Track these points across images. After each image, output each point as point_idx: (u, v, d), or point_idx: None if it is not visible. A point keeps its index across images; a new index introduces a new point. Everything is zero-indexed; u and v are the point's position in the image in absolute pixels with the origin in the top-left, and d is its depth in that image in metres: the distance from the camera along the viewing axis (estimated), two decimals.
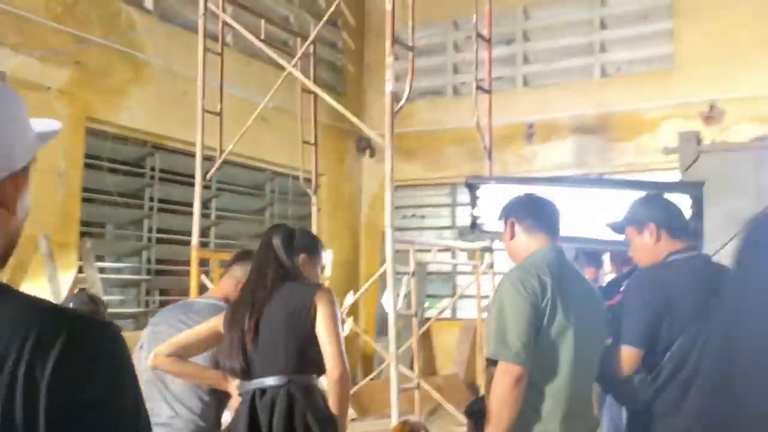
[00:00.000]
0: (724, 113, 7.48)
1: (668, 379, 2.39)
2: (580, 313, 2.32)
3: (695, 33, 7.72)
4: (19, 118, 0.96)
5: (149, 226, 6.86)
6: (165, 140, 6.80)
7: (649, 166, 7.48)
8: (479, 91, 5.79)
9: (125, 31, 6.42)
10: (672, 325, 2.39)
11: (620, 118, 7.96)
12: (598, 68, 8.35)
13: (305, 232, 2.95)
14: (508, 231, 2.53)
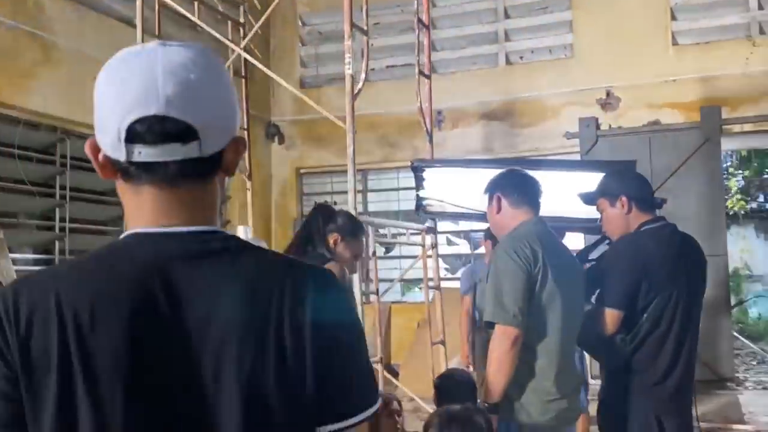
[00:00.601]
0: (620, 100, 7.93)
1: (645, 337, 2.61)
2: (565, 279, 2.48)
3: (592, 24, 8.04)
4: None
5: (62, 216, 6.61)
6: (77, 126, 6.52)
7: (552, 150, 7.91)
8: (421, 75, 5.87)
9: (33, 12, 6.13)
10: (649, 288, 2.60)
11: (524, 104, 8.25)
12: (502, 56, 8.39)
13: (347, 215, 2.96)
14: (494, 205, 2.64)
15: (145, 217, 0.97)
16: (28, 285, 0.93)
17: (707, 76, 7.59)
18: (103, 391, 0.87)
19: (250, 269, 0.97)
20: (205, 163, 0.97)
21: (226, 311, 0.92)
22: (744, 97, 7.48)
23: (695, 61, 7.66)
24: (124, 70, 0.95)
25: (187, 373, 0.90)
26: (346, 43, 4.67)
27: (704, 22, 7.74)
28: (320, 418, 0.96)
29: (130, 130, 0.93)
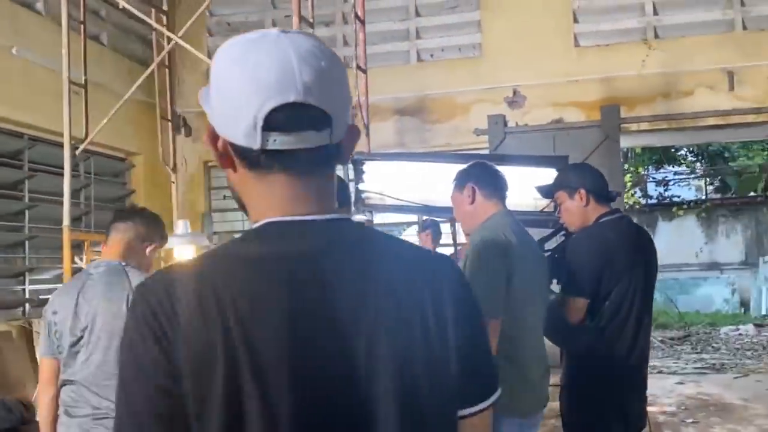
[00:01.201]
0: (526, 98, 8.17)
1: (607, 322, 2.74)
2: (535, 269, 2.59)
3: (499, 24, 8.25)
4: None
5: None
6: None
7: (463, 145, 8.05)
8: (358, 70, 5.89)
9: None
10: (611, 277, 2.73)
11: (436, 101, 8.39)
12: (414, 53, 8.54)
13: (342, 184, 2.81)
14: (468, 196, 2.70)
15: (279, 207, 0.96)
16: (176, 278, 0.91)
17: (607, 76, 7.95)
18: (269, 380, 0.86)
19: (392, 257, 0.99)
20: (333, 151, 0.97)
21: (374, 297, 0.93)
22: (640, 98, 7.89)
23: (596, 63, 8.02)
24: (255, 57, 0.93)
25: (342, 357, 0.90)
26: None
27: (604, 25, 8.10)
28: (461, 401, 0.99)
29: (267, 118, 0.91)
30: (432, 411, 0.94)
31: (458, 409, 0.99)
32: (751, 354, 9.52)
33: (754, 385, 7.24)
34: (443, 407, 0.96)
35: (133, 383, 0.87)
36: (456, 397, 0.98)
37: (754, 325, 12.11)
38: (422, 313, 0.94)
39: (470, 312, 1.02)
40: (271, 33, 0.96)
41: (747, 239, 15.84)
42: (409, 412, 0.91)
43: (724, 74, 7.71)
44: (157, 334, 0.86)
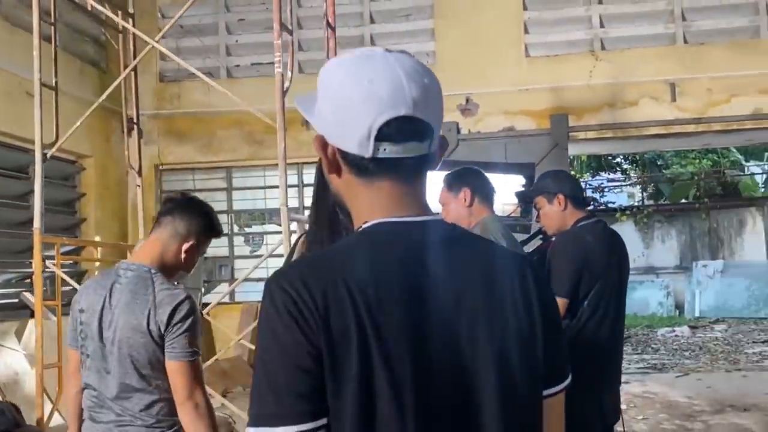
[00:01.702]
0: (478, 106, 8.34)
1: (586, 321, 2.87)
2: None
3: (453, 33, 8.42)
4: None
5: None
6: None
7: None
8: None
9: None
10: (590, 278, 2.87)
11: None
12: None
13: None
14: (464, 199, 2.88)
15: (385, 209, 1.06)
16: (309, 270, 1.01)
17: (556, 86, 8.20)
18: (395, 363, 0.96)
19: (487, 254, 1.12)
20: (430, 159, 1.09)
21: (474, 288, 1.04)
22: (588, 107, 8.17)
23: (545, 73, 8.26)
24: (369, 73, 1.03)
25: (449, 340, 1.01)
26: (276, 42, 4.61)
27: (553, 37, 8.36)
28: (546, 383, 1.11)
29: (380, 129, 1.02)
30: (524, 390, 1.05)
31: (545, 389, 1.10)
32: (688, 354, 9.94)
33: (695, 384, 7.58)
34: (533, 386, 1.07)
35: (277, 364, 0.96)
36: (543, 378, 1.09)
37: (689, 327, 12.63)
38: (513, 302, 1.06)
39: (552, 302, 1.14)
40: (377, 51, 1.07)
41: (681, 244, 16.50)
42: (505, 388, 1.02)
43: (666, 85, 8.05)
44: (298, 321, 0.95)
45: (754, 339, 11.22)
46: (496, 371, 1.02)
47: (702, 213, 16.45)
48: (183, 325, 2.20)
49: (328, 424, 0.95)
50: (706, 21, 8.14)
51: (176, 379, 2.17)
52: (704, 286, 14.79)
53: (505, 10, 8.32)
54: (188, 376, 2.18)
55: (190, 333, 2.20)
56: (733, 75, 7.96)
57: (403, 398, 0.96)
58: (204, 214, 2.45)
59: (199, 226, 2.39)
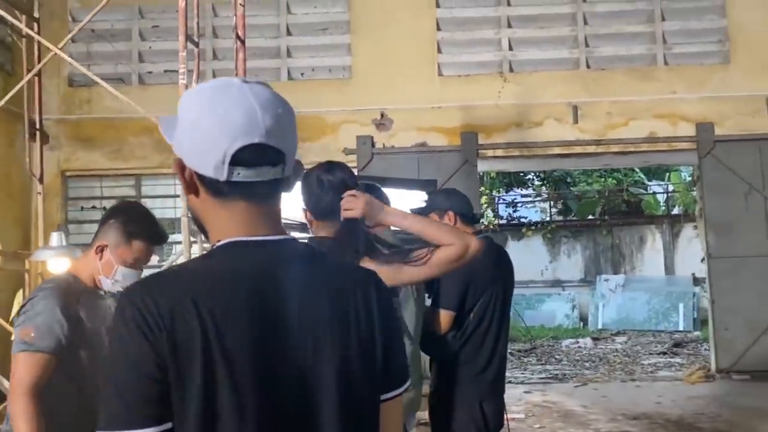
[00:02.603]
0: (393, 121, 8.52)
1: (471, 333, 3.04)
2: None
3: (369, 49, 8.58)
4: None
5: None
6: None
7: None
8: None
9: None
10: (476, 291, 3.04)
11: (306, 119, 8.53)
12: (285, 71, 8.62)
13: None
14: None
15: (238, 228, 1.15)
16: (159, 286, 1.09)
17: (467, 105, 8.47)
18: (238, 375, 1.04)
19: (331, 272, 1.22)
20: (284, 183, 1.18)
21: (319, 303, 1.14)
22: (496, 126, 8.47)
23: (457, 92, 8.53)
24: (225, 103, 1.12)
25: (294, 352, 1.10)
26: (181, 54, 4.59)
27: (464, 57, 8.64)
28: (384, 388, 1.20)
29: (234, 155, 1.11)
30: (364, 397, 1.16)
31: (384, 393, 1.20)
32: (589, 365, 10.37)
33: (592, 393, 7.94)
34: (371, 391, 1.18)
35: (124, 372, 1.04)
36: (381, 384, 1.19)
37: (592, 339, 13.15)
38: (355, 313, 1.16)
39: (391, 315, 1.24)
40: (234, 82, 1.16)
41: (586, 259, 17.18)
42: (346, 396, 1.12)
43: (569, 108, 8.45)
44: (145, 332, 1.03)
45: (650, 351, 11.79)
46: (337, 380, 1.11)
47: (605, 229, 17.20)
48: (18, 318, 2.29)
49: (172, 428, 1.03)
50: (608, 48, 8.59)
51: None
52: (607, 299, 15.43)
53: (419, 30, 8.56)
54: (15, 370, 2.19)
55: (21, 326, 2.23)
56: (631, 100, 8.43)
57: (245, 407, 1.04)
58: (124, 217, 2.51)
59: (115, 229, 2.46)
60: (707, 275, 8.54)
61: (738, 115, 8.40)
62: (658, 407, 6.99)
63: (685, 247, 16.03)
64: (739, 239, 8.27)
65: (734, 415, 6.57)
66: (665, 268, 16.39)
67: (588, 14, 8.60)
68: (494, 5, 8.63)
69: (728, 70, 8.47)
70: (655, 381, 8.69)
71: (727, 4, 8.51)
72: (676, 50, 8.55)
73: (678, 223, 16.58)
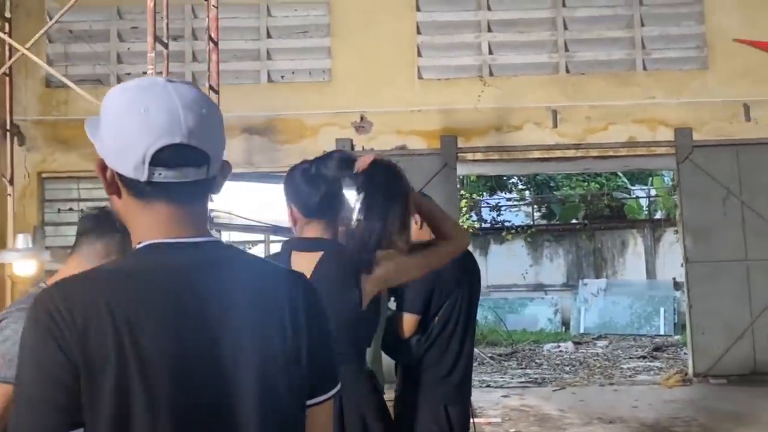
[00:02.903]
0: (372, 124, 8.49)
1: (436, 337, 3.02)
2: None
3: (349, 52, 8.56)
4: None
5: None
6: None
7: None
8: (211, 91, 5.93)
9: None
10: (441, 294, 3.01)
11: (285, 122, 8.53)
12: (265, 74, 8.61)
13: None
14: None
15: (160, 230, 1.12)
16: (72, 289, 1.06)
17: (446, 108, 8.48)
18: (153, 381, 1.02)
19: (256, 274, 1.18)
20: (209, 184, 1.16)
21: (241, 306, 1.11)
22: (476, 129, 8.48)
23: (437, 95, 8.52)
24: (146, 102, 1.10)
25: (212, 357, 1.07)
26: (149, 55, 4.57)
27: (444, 61, 8.64)
28: (310, 393, 1.18)
29: (155, 155, 1.08)
30: (286, 401, 1.13)
31: (308, 399, 1.18)
32: (569, 369, 10.38)
33: (569, 397, 7.94)
34: (295, 397, 1.15)
35: (35, 378, 1.00)
36: (306, 389, 1.17)
37: (573, 343, 13.17)
38: (281, 320, 1.13)
39: (321, 318, 1.21)
40: (158, 81, 1.14)
41: (568, 263, 17.23)
42: (268, 402, 1.09)
43: (549, 112, 8.46)
44: (57, 338, 1.00)
45: (631, 355, 11.82)
46: (258, 386, 1.08)
47: (587, 233, 17.27)
48: None
49: None
50: (587, 53, 8.62)
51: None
52: (589, 303, 15.48)
53: (399, 33, 8.55)
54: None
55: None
56: (610, 104, 8.46)
57: (159, 414, 1.01)
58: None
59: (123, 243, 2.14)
60: (685, 279, 8.58)
61: (716, 121, 8.45)
62: (634, 411, 7.01)
63: (667, 251, 16.11)
64: (717, 244, 8.31)
65: (709, 420, 6.59)
66: (647, 273, 16.47)
67: (568, 19, 8.63)
68: (474, 9, 8.65)
69: (706, 76, 8.53)
70: (633, 385, 8.72)
71: (705, 10, 8.56)
72: (655, 55, 8.60)
73: (659, 227, 16.67)
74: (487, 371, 10.05)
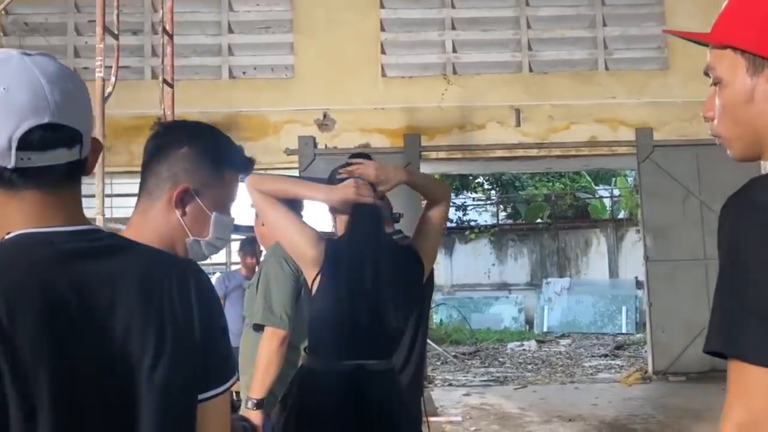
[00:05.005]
0: (335, 122, 8.42)
1: None
2: None
3: (312, 49, 8.49)
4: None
5: None
6: None
7: (273, 164, 8.06)
8: (164, 84, 5.74)
9: None
10: None
11: (247, 118, 8.42)
12: (226, 69, 8.53)
13: None
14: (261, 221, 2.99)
15: (28, 220, 1.01)
16: None
17: (410, 107, 8.44)
18: (29, 380, 0.91)
19: (142, 263, 1.07)
20: (81, 166, 1.06)
21: (127, 301, 1.01)
22: (439, 128, 8.46)
23: (400, 93, 8.49)
24: (4, 80, 0.97)
25: (98, 352, 0.98)
26: (98, 46, 4.45)
27: (408, 59, 8.61)
28: (203, 387, 1.09)
29: (21, 138, 0.97)
30: (176, 395, 1.04)
31: (203, 392, 1.09)
32: (531, 367, 10.43)
33: (530, 396, 7.96)
34: (189, 390, 1.07)
35: None
36: (199, 384, 1.08)
37: (537, 341, 13.25)
38: (171, 308, 1.05)
39: (212, 310, 1.12)
40: (13, 55, 1.01)
41: (532, 262, 17.34)
42: (161, 398, 1.01)
43: (512, 111, 8.48)
44: None
45: (593, 353, 11.92)
46: (146, 381, 1.01)
47: (551, 233, 17.39)
48: None
49: None
50: (550, 52, 8.66)
51: None
52: (553, 302, 15.59)
53: (362, 30, 8.50)
54: None
55: None
56: (573, 104, 8.50)
57: (38, 419, 0.92)
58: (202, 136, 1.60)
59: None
60: (645, 278, 8.66)
61: (676, 121, 8.55)
62: (593, 409, 7.05)
63: (629, 250, 16.29)
64: (676, 243, 8.41)
65: (667, 416, 6.65)
66: (609, 272, 16.64)
67: (531, 18, 8.66)
68: (438, 7, 8.63)
69: (667, 76, 8.62)
70: (593, 383, 8.78)
71: (666, 11, 8.65)
72: (616, 56, 8.67)
73: (622, 227, 16.85)
74: (450, 370, 10.05)
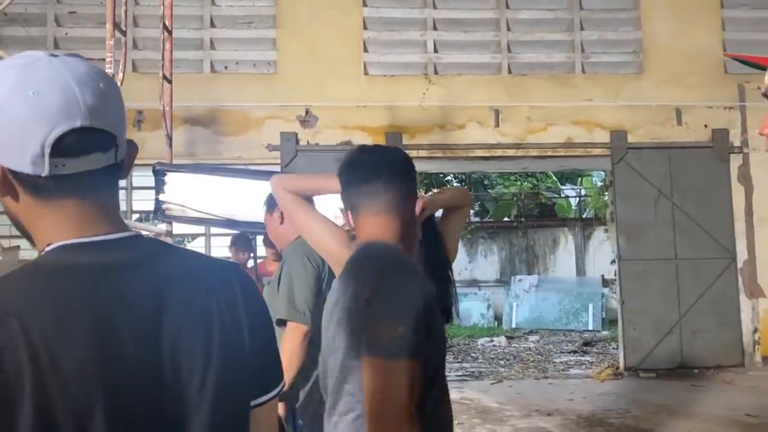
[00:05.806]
0: (318, 119, 8.46)
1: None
2: None
3: (295, 45, 8.52)
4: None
5: None
6: None
7: (255, 160, 8.10)
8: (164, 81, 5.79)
9: None
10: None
11: (228, 113, 8.42)
12: (208, 64, 8.47)
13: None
14: (278, 217, 3.00)
15: (69, 230, 0.97)
16: None
17: (392, 105, 8.53)
18: (78, 398, 0.88)
19: (188, 268, 1.05)
20: (118, 170, 1.02)
21: (173, 311, 0.98)
22: (420, 127, 8.57)
23: (382, 91, 8.57)
24: (34, 83, 0.93)
25: (148, 367, 0.95)
26: (108, 42, 4.43)
27: (390, 57, 8.69)
28: (255, 393, 1.08)
29: (55, 145, 0.93)
30: (231, 403, 1.02)
31: (254, 398, 1.08)
32: (504, 363, 10.62)
33: (507, 390, 8.13)
34: (241, 398, 1.05)
35: None
36: (249, 389, 1.07)
37: (506, 337, 13.46)
38: (220, 318, 1.02)
39: (261, 314, 1.11)
40: (40, 56, 0.97)
41: (501, 259, 17.59)
42: (212, 407, 0.99)
43: (491, 112, 8.63)
44: None
45: (562, 349, 12.16)
46: (199, 392, 0.98)
47: (520, 231, 17.67)
48: None
49: None
50: (529, 54, 8.82)
51: None
52: (521, 299, 15.84)
53: (345, 28, 8.56)
54: None
55: None
56: (550, 105, 8.68)
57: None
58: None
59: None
60: (617, 277, 8.89)
61: (649, 124, 8.79)
62: (570, 404, 7.23)
63: (596, 249, 16.64)
64: (648, 243, 8.65)
65: (642, 411, 6.86)
66: (576, 270, 16.96)
67: (511, 21, 8.81)
68: (420, 7, 8.73)
69: (641, 80, 8.85)
70: (567, 378, 8.98)
71: (642, 16, 8.88)
72: (593, 59, 8.87)
73: (590, 226, 17.19)
74: None
